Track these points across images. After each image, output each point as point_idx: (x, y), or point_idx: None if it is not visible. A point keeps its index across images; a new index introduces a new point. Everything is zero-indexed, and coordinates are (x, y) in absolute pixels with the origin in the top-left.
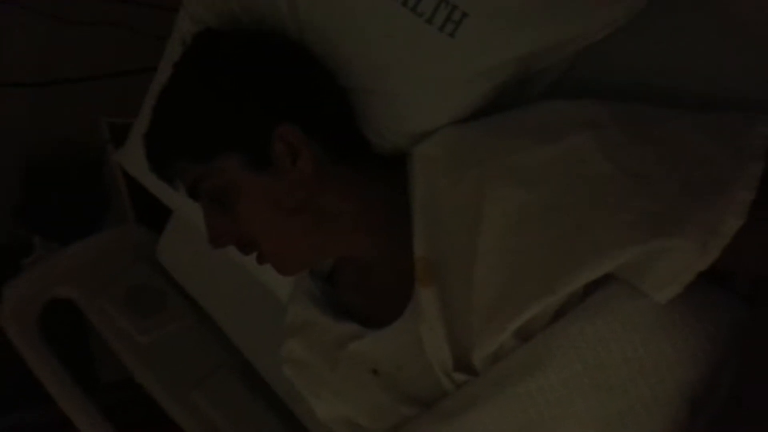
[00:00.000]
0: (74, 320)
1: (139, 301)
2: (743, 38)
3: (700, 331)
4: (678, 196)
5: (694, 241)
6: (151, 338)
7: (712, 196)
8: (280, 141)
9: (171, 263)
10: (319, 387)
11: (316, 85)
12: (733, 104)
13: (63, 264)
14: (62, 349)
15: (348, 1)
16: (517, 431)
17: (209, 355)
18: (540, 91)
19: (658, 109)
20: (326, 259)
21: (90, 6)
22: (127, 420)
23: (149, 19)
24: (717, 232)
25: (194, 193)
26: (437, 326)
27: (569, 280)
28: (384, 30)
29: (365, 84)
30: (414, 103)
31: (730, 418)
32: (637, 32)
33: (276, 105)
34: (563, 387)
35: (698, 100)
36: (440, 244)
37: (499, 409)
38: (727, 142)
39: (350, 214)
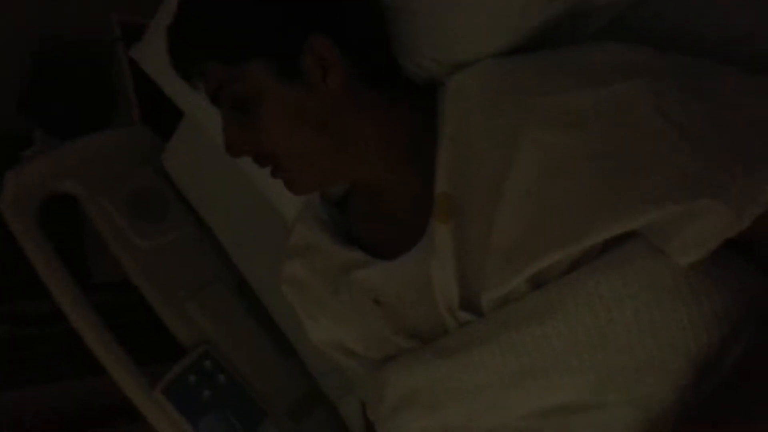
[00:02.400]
0: (70, 218)
1: (141, 205)
2: None
3: (716, 298)
4: (722, 158)
5: (730, 207)
6: (151, 243)
7: (757, 164)
8: (312, 53)
9: (176, 170)
10: (317, 310)
11: (357, 1)
12: None
13: (67, 158)
14: (57, 246)
15: None
16: (516, 375)
17: (206, 267)
18: (591, 33)
19: (715, 66)
20: (341, 182)
21: None
22: (116, 322)
23: None
24: (755, 200)
25: (216, 97)
26: (449, 264)
27: (594, 231)
28: None
29: (410, 5)
30: (459, 28)
31: (731, 390)
32: None
33: (313, 15)
34: (570, 337)
35: (757, 61)
36: (465, 181)
37: (500, 350)
38: None
39: (374, 139)
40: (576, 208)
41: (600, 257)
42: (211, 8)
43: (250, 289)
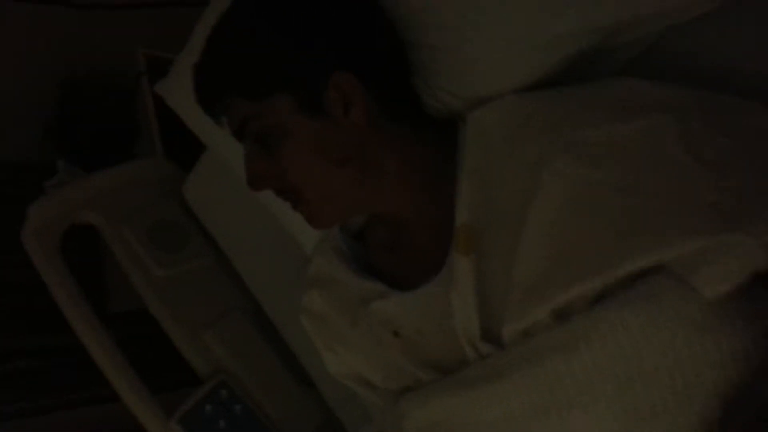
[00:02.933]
0: (90, 247)
1: (161, 235)
2: None
3: (745, 333)
4: (749, 192)
5: (758, 240)
6: (170, 273)
7: None
8: (336, 88)
9: (196, 201)
10: (335, 341)
11: (379, 36)
12: None
13: (90, 189)
14: (76, 274)
15: None
16: (539, 409)
17: (224, 297)
18: (616, 68)
19: (739, 99)
20: (361, 214)
21: None
22: (133, 351)
23: None
24: None
25: (240, 132)
26: (469, 295)
27: (620, 263)
28: None
29: (431, 40)
30: (481, 64)
31: (762, 425)
32: (719, 18)
33: (336, 51)
34: (595, 371)
35: None
36: (485, 213)
37: (524, 385)
38: None
39: (395, 172)
40: (601, 241)
41: (626, 291)
42: (237, 46)
43: (267, 320)
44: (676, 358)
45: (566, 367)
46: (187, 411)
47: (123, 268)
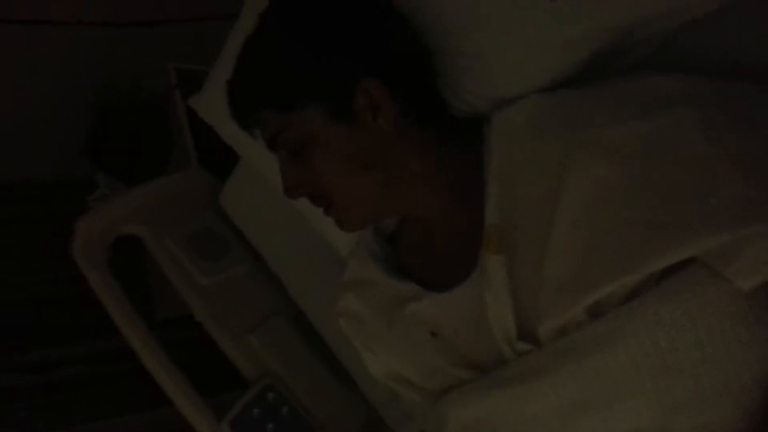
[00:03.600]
0: (135, 257)
1: (201, 244)
2: None
3: None
4: None
5: None
6: (212, 280)
7: None
8: (363, 94)
9: (234, 210)
10: (374, 342)
11: (402, 43)
12: None
13: (133, 202)
14: (123, 284)
15: None
16: (578, 405)
17: (265, 302)
18: (634, 64)
19: (761, 91)
20: (391, 217)
21: None
22: (178, 357)
23: None
24: None
25: (273, 144)
26: (503, 295)
27: (654, 259)
28: None
29: (453, 44)
30: (503, 66)
31: None
32: (738, 11)
33: (362, 58)
34: (631, 367)
35: None
36: (513, 213)
37: (561, 381)
38: None
39: (423, 174)
40: (633, 237)
41: (659, 285)
42: (267, 61)
43: (308, 323)
44: (713, 351)
45: (603, 363)
46: (237, 414)
47: (167, 276)
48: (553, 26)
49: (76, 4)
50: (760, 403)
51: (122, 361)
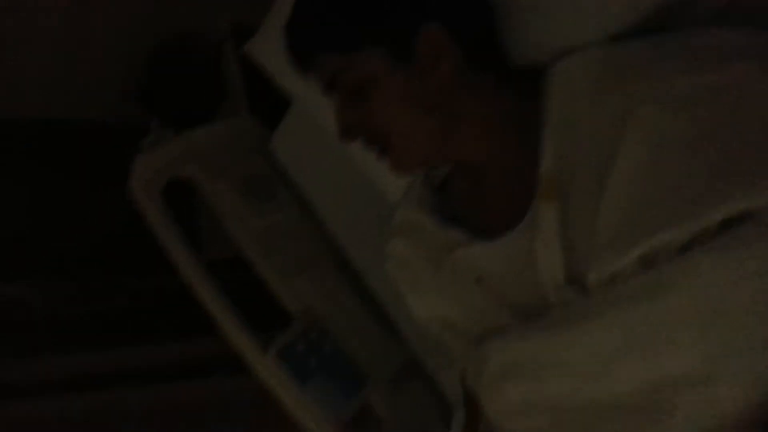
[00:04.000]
0: (184, 204)
1: (253, 189)
2: None
3: None
4: None
5: None
6: (262, 222)
7: None
8: (426, 39)
9: (284, 156)
10: (420, 286)
11: None
12: None
13: (188, 145)
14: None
15: None
16: (620, 350)
17: (311, 247)
18: (700, 20)
19: None
20: (444, 164)
21: None
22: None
23: None
24: None
25: (331, 86)
26: (554, 242)
27: (713, 207)
28: None
29: None
30: (564, 16)
31: None
32: None
33: (425, 2)
34: (679, 317)
35: None
36: (569, 161)
37: (607, 326)
38: None
39: (480, 120)
40: (690, 188)
41: (714, 239)
42: (330, 2)
43: (353, 268)
44: (764, 306)
45: (651, 312)
46: (284, 346)
47: (219, 217)
48: None
49: None
50: None
51: (167, 297)
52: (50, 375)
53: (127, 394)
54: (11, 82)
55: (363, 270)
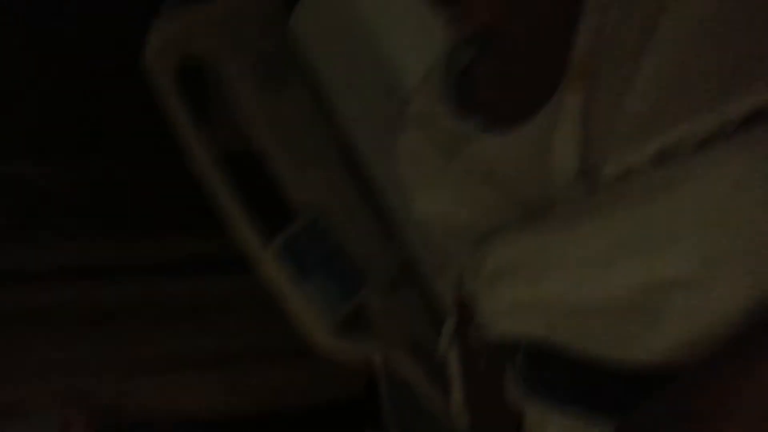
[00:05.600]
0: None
1: (267, 70)
2: None
3: None
4: None
5: None
6: (275, 109)
7: None
8: None
9: (304, 35)
10: (428, 180)
11: None
12: None
13: (206, 15)
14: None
15: None
16: (621, 248)
17: (322, 137)
18: None
19: None
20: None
21: None
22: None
23: None
24: None
25: None
26: (572, 134)
27: (737, 99)
28: None
29: None
30: None
31: None
32: None
33: None
34: (687, 215)
35: None
36: (604, 44)
37: (611, 224)
38: None
39: None
40: (720, 75)
41: (733, 136)
42: None
43: (360, 165)
44: None
45: (658, 209)
46: (286, 239)
47: (232, 101)
48: None
49: None
50: None
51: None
52: (49, 262)
53: (128, 286)
54: None
55: (370, 165)
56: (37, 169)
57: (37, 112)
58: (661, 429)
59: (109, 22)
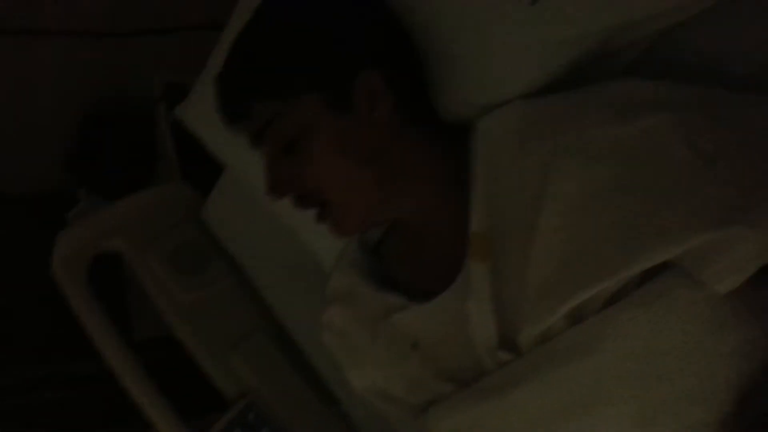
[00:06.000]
0: (113, 276)
1: (183, 260)
2: None
3: (755, 326)
4: (750, 186)
5: (762, 233)
6: (193, 296)
7: None
8: (363, 86)
9: (216, 223)
10: (357, 356)
11: (401, 38)
12: None
13: (114, 216)
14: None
15: None
16: (559, 412)
17: (247, 319)
18: (616, 70)
19: (738, 96)
20: (381, 221)
21: None
22: (159, 378)
23: None
24: None
25: (261, 137)
26: (485, 303)
27: (629, 264)
28: None
29: (437, 48)
30: (486, 72)
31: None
32: (721, 15)
33: (363, 50)
34: (610, 372)
35: None
36: (498, 220)
37: (542, 389)
38: None
39: (414, 174)
40: (609, 242)
41: (637, 290)
42: (266, 45)
43: (290, 340)
44: (689, 356)
45: (582, 370)
46: (220, 430)
47: (148, 293)
48: (532, 32)
49: (61, 14)
50: (734, 407)
51: (97, 383)
52: None
53: None
54: None
55: (301, 342)
56: None
57: None
58: None
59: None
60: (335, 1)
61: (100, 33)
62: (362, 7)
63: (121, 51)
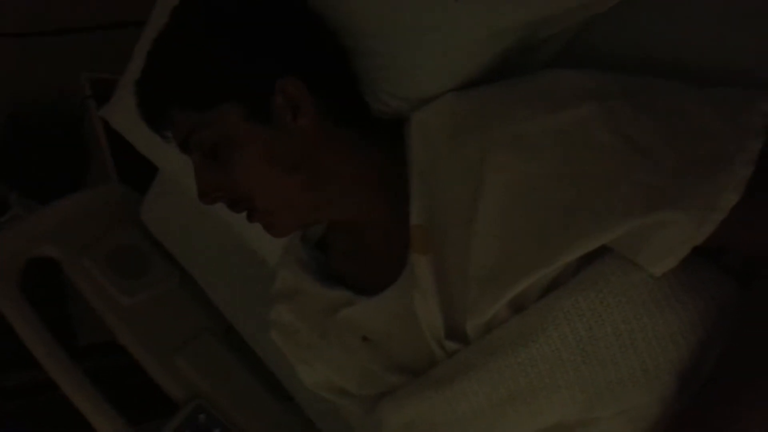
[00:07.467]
0: (52, 282)
1: (122, 262)
2: (747, 12)
3: (692, 307)
4: (678, 170)
5: (692, 215)
6: (134, 300)
7: (712, 172)
8: (282, 93)
9: (155, 224)
10: (307, 353)
11: (321, 42)
12: (736, 79)
13: (46, 221)
14: (40, 311)
15: None
16: (507, 400)
17: (192, 319)
18: (543, 61)
19: (664, 82)
20: (318, 222)
21: None
22: (106, 383)
23: None
24: (714, 206)
25: (186, 145)
26: (431, 294)
27: (565, 251)
28: None
29: (367, 45)
30: (415, 67)
31: (706, 398)
32: (642, 4)
33: (280, 56)
34: (554, 358)
35: (701, 75)
36: (437, 212)
37: (490, 377)
38: (728, 118)
39: (347, 176)
40: (541, 231)
41: (575, 276)
42: (180, 55)
43: (239, 338)
44: (630, 338)
45: (527, 357)
46: None
47: (86, 299)
48: (458, 26)
49: None
50: (675, 388)
51: (40, 394)
52: None
53: None
54: None
55: (250, 339)
56: None
57: None
58: None
59: None
60: (251, 8)
61: (17, 33)
62: (280, 13)
63: (43, 50)
